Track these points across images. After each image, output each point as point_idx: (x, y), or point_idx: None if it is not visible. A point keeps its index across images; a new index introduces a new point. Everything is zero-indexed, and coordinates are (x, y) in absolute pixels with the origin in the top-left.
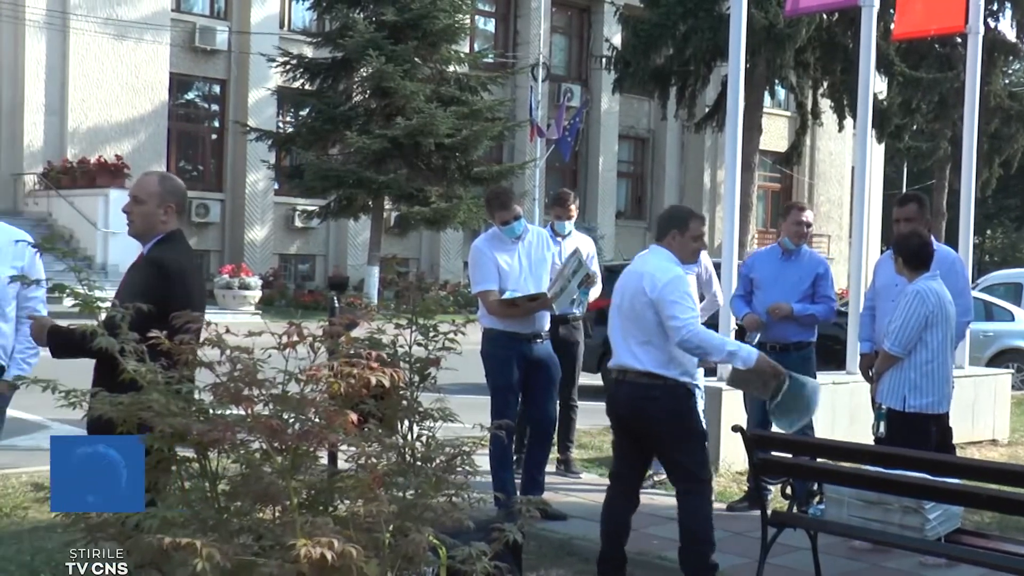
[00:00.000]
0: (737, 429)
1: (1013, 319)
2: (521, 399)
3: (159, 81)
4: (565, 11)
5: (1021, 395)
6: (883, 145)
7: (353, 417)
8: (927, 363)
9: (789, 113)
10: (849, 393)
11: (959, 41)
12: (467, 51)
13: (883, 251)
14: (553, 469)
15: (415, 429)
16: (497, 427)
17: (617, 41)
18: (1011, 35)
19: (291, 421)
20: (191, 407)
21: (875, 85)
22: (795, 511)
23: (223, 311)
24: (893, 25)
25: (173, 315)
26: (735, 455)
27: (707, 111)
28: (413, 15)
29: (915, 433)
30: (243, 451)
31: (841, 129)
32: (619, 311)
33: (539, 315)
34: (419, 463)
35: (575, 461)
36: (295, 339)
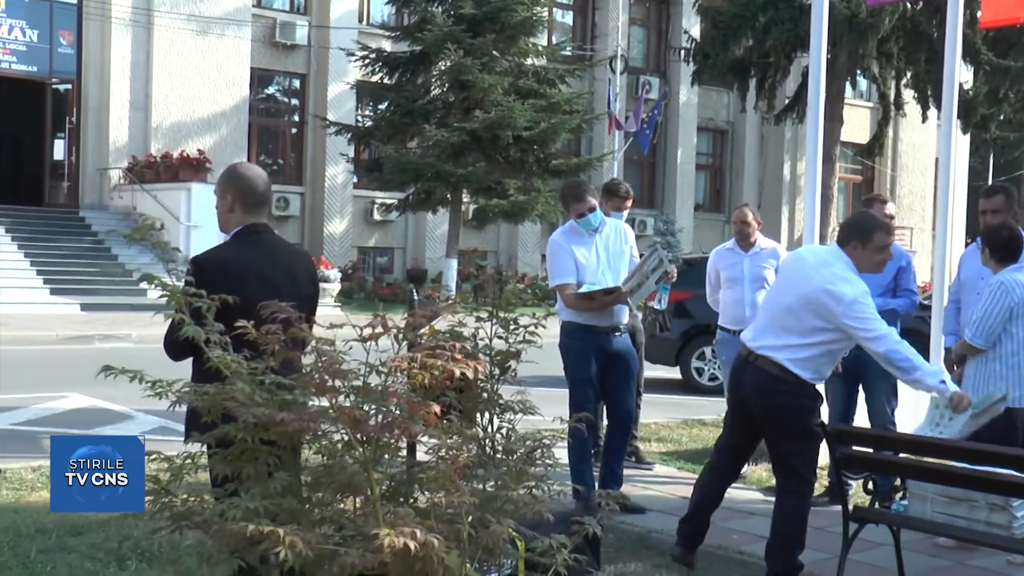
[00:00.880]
0: (819, 425)
1: None
2: (600, 392)
3: (240, 76)
4: (643, 3)
5: None
6: (968, 135)
7: (435, 409)
8: (1013, 355)
9: (871, 104)
10: None
11: None
12: (545, 44)
13: (967, 244)
14: None
15: (495, 421)
16: (577, 420)
17: (696, 33)
18: None
19: (373, 412)
20: (275, 397)
21: (961, 74)
22: (877, 507)
23: None
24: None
25: (260, 305)
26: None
27: (787, 102)
28: (491, 8)
29: (1002, 428)
30: (325, 442)
31: (925, 120)
32: (779, 295)
33: (617, 308)
34: (500, 455)
35: (643, 451)
36: (379, 331)
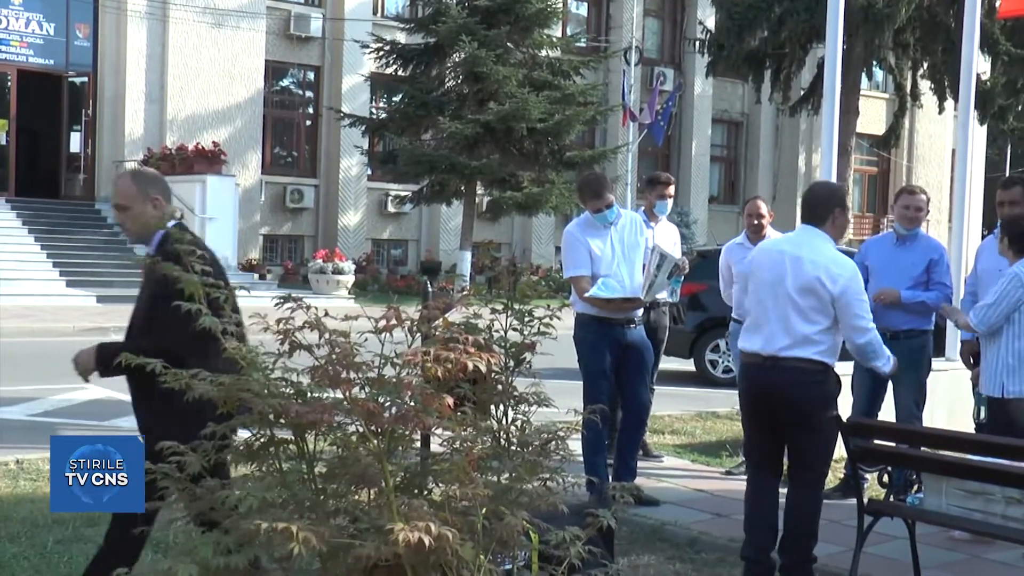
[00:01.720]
0: (835, 417)
1: None
2: (614, 383)
3: (255, 68)
4: None
5: None
6: (985, 127)
7: (449, 401)
8: None
9: (887, 95)
10: (949, 381)
11: None
12: (560, 35)
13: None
14: None
15: (510, 413)
16: (591, 412)
17: (711, 24)
18: None
19: (387, 404)
20: (289, 389)
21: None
22: (892, 500)
23: (317, 295)
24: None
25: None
26: None
27: (802, 94)
28: (506, 0)
29: (1016, 420)
30: (339, 433)
31: (942, 111)
32: (773, 291)
33: None
34: (514, 447)
35: (651, 445)
36: (393, 323)
